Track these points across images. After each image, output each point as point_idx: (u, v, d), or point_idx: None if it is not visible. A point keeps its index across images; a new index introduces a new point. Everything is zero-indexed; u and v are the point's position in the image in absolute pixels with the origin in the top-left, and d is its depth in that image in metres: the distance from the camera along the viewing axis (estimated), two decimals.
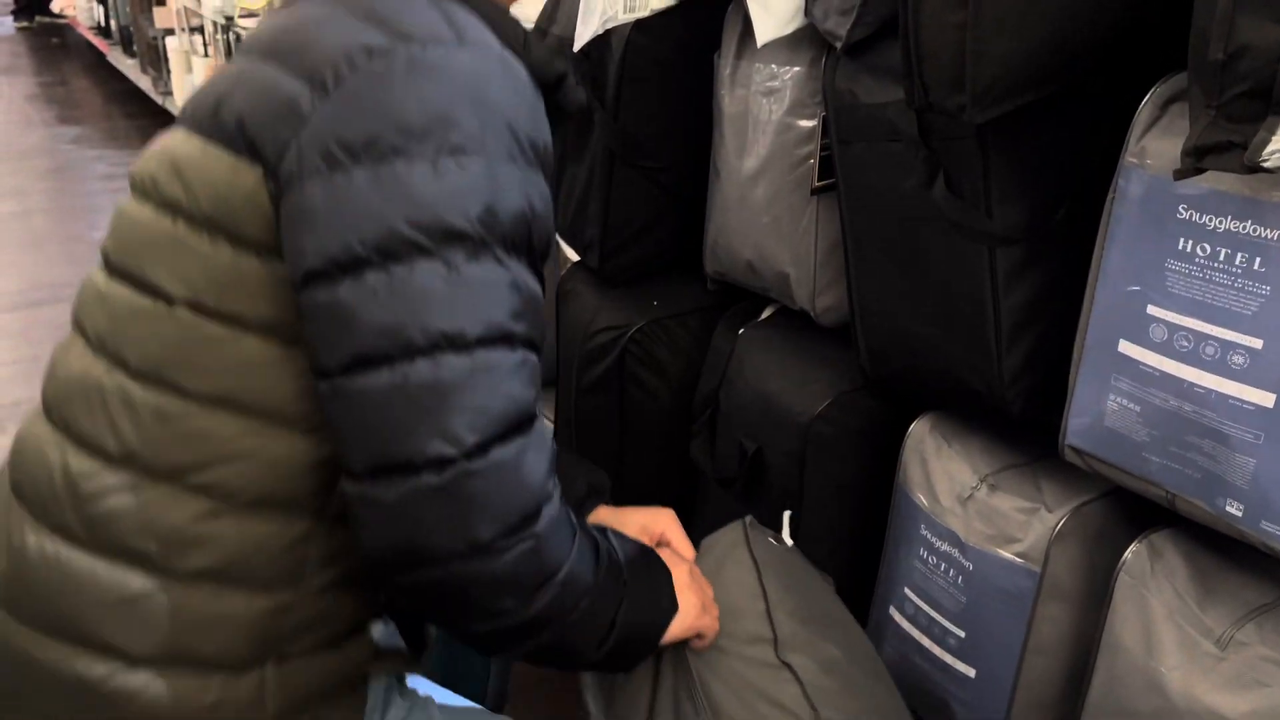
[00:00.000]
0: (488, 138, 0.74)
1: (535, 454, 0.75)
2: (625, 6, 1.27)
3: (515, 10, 0.91)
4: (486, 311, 0.73)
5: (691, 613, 0.92)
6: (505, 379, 0.74)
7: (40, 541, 0.79)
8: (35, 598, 0.79)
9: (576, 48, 1.36)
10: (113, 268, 0.82)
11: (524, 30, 0.85)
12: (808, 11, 1.14)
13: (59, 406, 0.82)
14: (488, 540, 0.72)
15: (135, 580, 0.77)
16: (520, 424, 0.74)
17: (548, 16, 1.54)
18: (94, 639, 0.77)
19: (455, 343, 0.72)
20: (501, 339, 0.74)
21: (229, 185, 0.76)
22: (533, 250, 0.78)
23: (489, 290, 0.74)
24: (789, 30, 1.17)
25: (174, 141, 0.82)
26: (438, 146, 0.72)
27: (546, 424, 0.83)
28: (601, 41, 1.36)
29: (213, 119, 0.78)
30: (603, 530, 0.88)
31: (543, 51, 0.86)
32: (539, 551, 0.75)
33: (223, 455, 0.77)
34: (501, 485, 0.73)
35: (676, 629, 0.91)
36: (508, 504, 0.73)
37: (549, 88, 0.86)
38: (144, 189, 0.82)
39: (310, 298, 0.73)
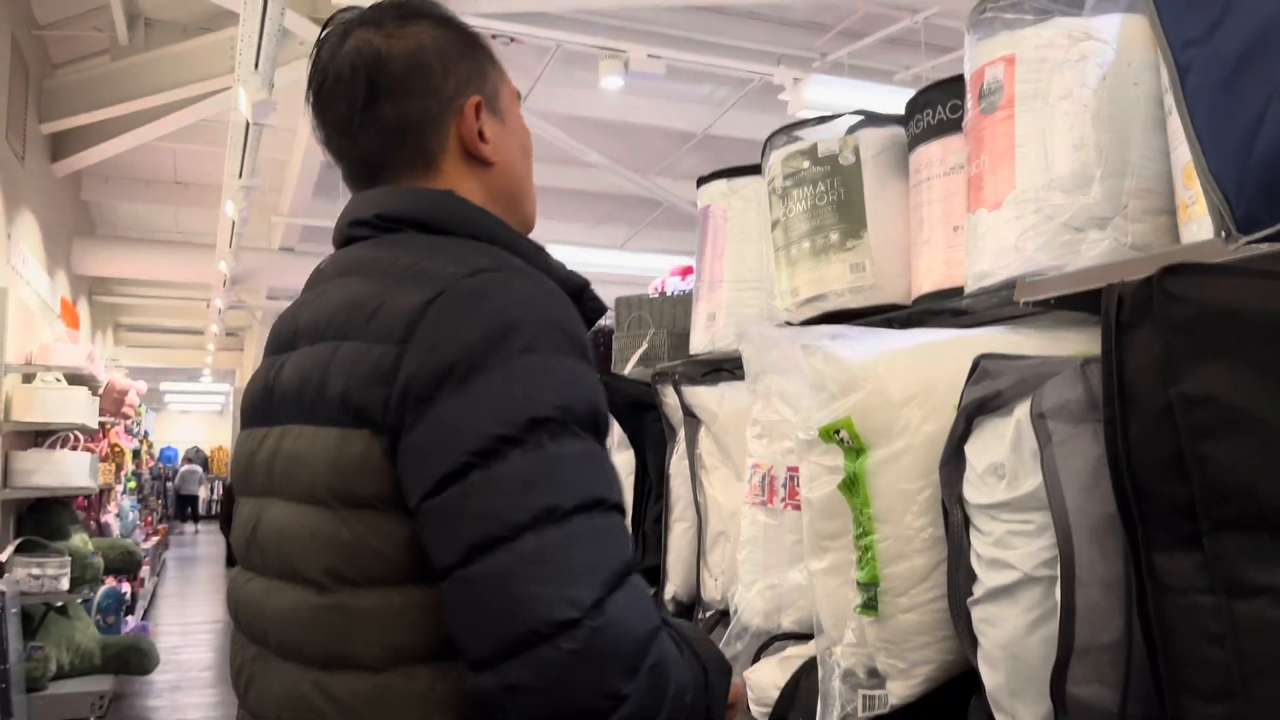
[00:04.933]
0: (542, 338, 0.85)
1: (638, 601, 0.82)
2: None
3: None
4: (576, 483, 0.82)
5: (736, 686, 1.03)
6: (604, 538, 0.82)
7: None
8: None
9: None
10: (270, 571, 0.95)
11: (545, 251, 0.99)
12: None
13: None
14: (621, 688, 0.78)
15: None
16: (622, 578, 0.81)
17: None
18: None
19: (555, 514, 0.79)
20: (594, 504, 0.82)
21: (341, 455, 0.86)
22: (598, 427, 0.88)
23: (574, 464, 0.82)
24: None
25: (274, 440, 0.95)
26: (505, 354, 0.83)
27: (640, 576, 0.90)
28: None
29: (318, 396, 0.89)
30: (667, 622, 0.91)
31: (563, 269, 0.99)
32: (658, 679, 0.82)
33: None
34: (624, 634, 0.79)
35: (734, 690, 1.00)
36: (632, 649, 0.80)
37: (574, 297, 0.96)
38: (274, 487, 0.95)
39: (425, 512, 0.82)
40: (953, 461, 1.04)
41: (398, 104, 1.01)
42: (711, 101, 6.91)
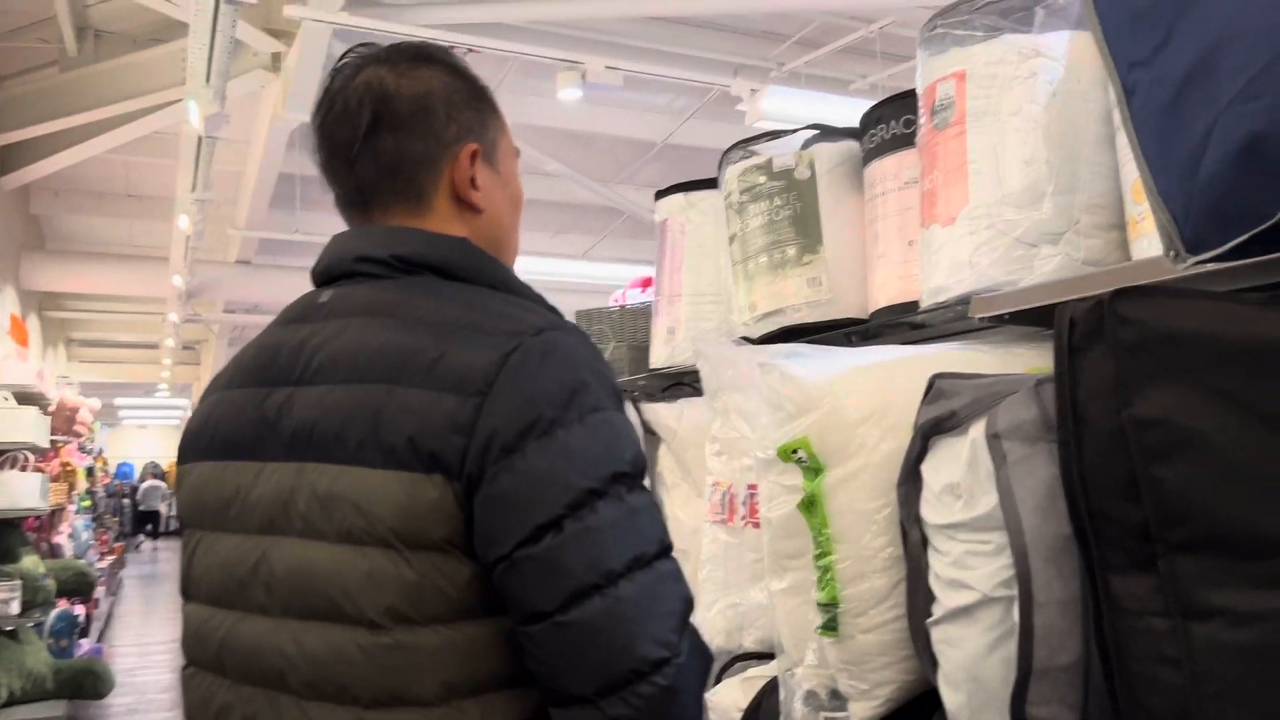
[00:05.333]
0: (605, 396, 0.92)
1: (696, 630, 0.92)
2: None
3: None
4: (652, 531, 0.91)
5: None
6: (677, 581, 0.91)
7: None
8: None
9: None
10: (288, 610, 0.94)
11: (545, 299, 1.05)
12: None
13: None
14: (697, 713, 0.90)
15: None
16: (689, 614, 0.91)
17: None
18: None
19: (642, 562, 0.88)
20: (666, 549, 0.91)
21: (413, 499, 0.88)
22: (644, 471, 0.95)
23: (649, 514, 0.92)
24: None
25: (288, 478, 0.95)
26: (580, 410, 0.89)
27: None
28: None
29: (371, 440, 0.90)
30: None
31: (558, 311, 1.04)
32: (702, 699, 0.93)
33: None
34: (698, 668, 0.91)
35: None
36: (702, 681, 0.92)
37: None
38: (291, 527, 0.94)
39: (517, 560, 0.86)
40: (910, 481, 1.04)
41: (398, 139, 1.04)
42: (671, 111, 6.92)
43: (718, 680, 1.43)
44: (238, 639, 0.96)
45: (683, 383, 2.16)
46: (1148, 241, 1.16)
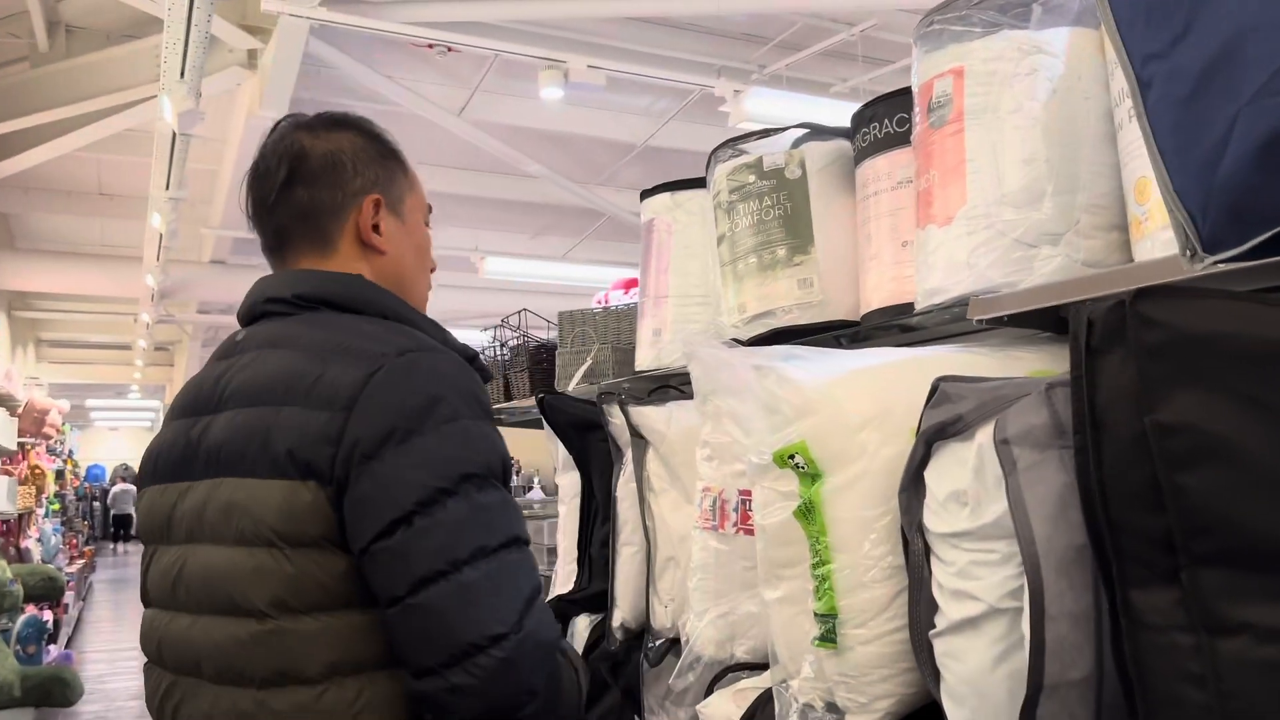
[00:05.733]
0: (462, 407, 1.06)
1: (548, 617, 1.06)
2: None
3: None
4: (499, 525, 1.03)
5: None
6: (522, 569, 1.04)
7: None
8: None
9: None
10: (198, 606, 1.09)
11: (441, 327, 1.21)
12: None
13: None
14: (538, 685, 1.02)
15: None
16: (535, 600, 1.04)
17: None
18: None
19: (485, 551, 1.01)
20: (513, 541, 1.04)
21: (290, 503, 1.03)
22: (506, 476, 1.09)
23: (497, 510, 1.04)
24: None
25: (202, 493, 1.10)
26: (435, 421, 1.03)
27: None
28: None
29: (259, 456, 1.05)
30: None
31: (456, 341, 1.20)
32: (556, 680, 1.07)
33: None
34: (539, 643, 1.02)
35: None
36: (545, 655, 1.04)
37: (469, 361, 1.17)
38: (203, 534, 1.10)
39: (375, 552, 1.01)
40: (912, 487, 1.01)
41: (310, 190, 1.21)
42: (652, 113, 6.89)
43: (708, 692, 1.39)
44: (170, 635, 1.12)
45: (669, 385, 2.12)
46: (1151, 243, 1.14)
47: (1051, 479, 0.85)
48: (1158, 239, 1.12)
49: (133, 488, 21.63)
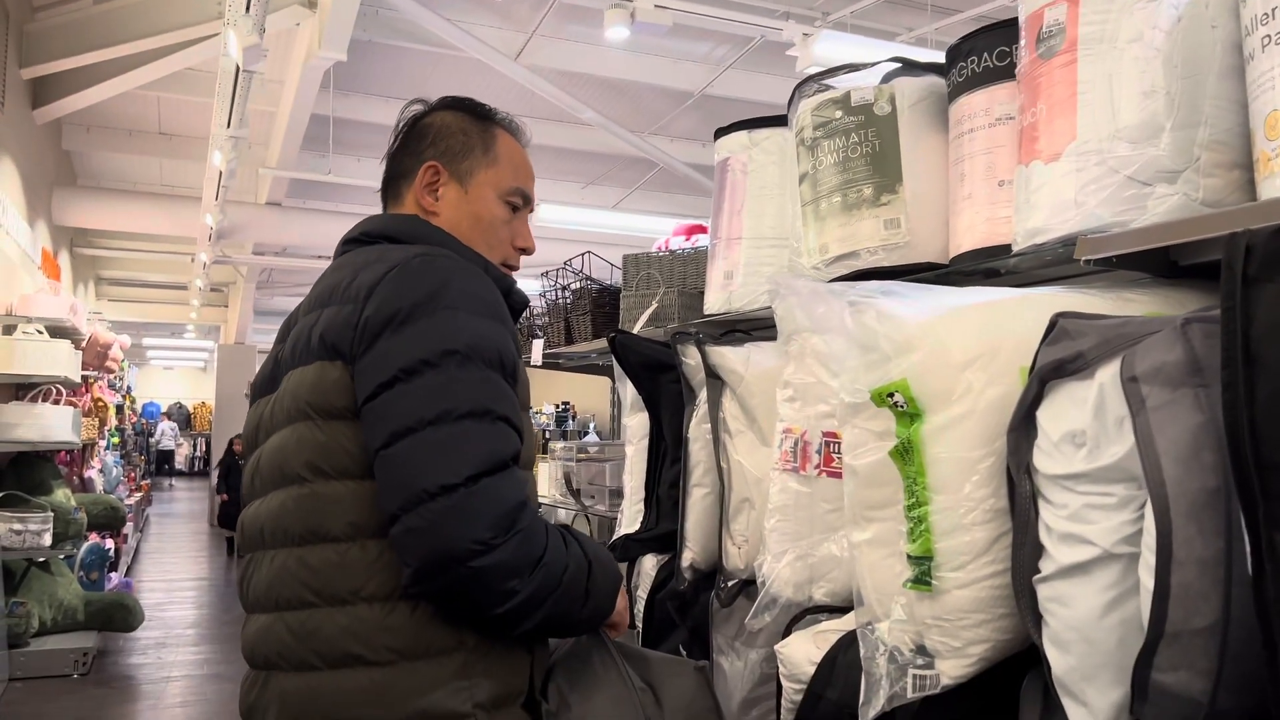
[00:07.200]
0: (461, 301, 1.18)
1: (511, 483, 1.13)
2: None
3: None
4: (469, 397, 1.13)
5: (623, 600, 1.30)
6: (485, 437, 1.12)
7: None
8: None
9: None
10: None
11: (483, 258, 1.34)
12: (1133, 710, 0.89)
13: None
14: (489, 538, 1.08)
15: None
16: (498, 466, 1.12)
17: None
18: None
19: (450, 416, 1.11)
20: (483, 413, 1.13)
21: (321, 380, 1.20)
22: (504, 366, 1.19)
23: (470, 384, 1.14)
24: None
25: (274, 396, 1.29)
26: (433, 309, 1.16)
27: (526, 474, 1.22)
28: None
29: (305, 348, 1.24)
30: (567, 527, 1.25)
31: (495, 270, 1.33)
32: (525, 543, 1.12)
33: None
34: (494, 501, 1.10)
35: (620, 601, 1.29)
36: (500, 513, 1.10)
37: (504, 293, 1.28)
38: (272, 428, 1.27)
39: (365, 413, 1.16)
40: (1022, 428, 0.97)
41: (401, 155, 1.43)
42: (710, 61, 6.76)
43: (786, 632, 1.37)
44: (247, 518, 1.29)
45: (737, 330, 2.08)
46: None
47: (1184, 419, 0.81)
48: None
49: (173, 425, 22.26)
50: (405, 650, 1.13)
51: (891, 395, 1.07)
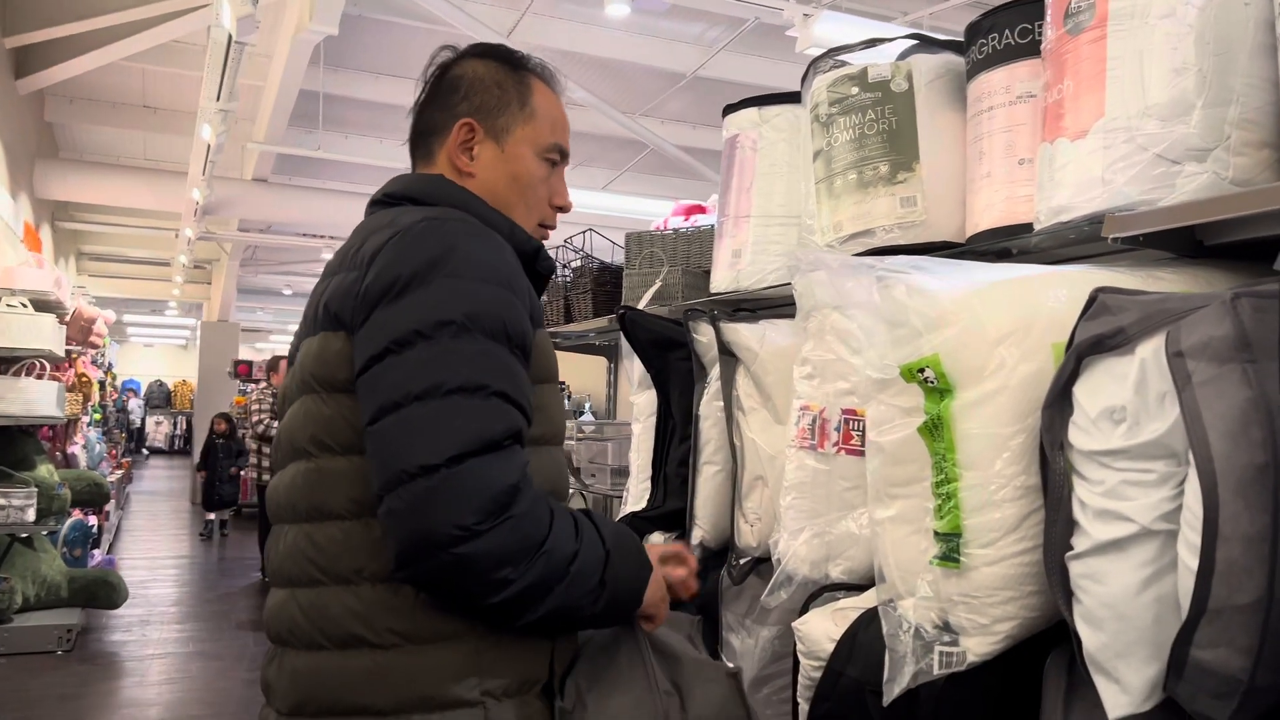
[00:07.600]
0: (464, 268, 1.10)
1: (503, 465, 1.04)
2: None
3: None
4: (462, 370, 1.05)
5: (658, 590, 1.19)
6: (475, 415, 1.04)
7: None
8: None
9: None
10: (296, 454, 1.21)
11: (509, 220, 1.26)
12: (1167, 686, 0.90)
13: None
14: (473, 523, 1.00)
15: None
16: (489, 446, 1.04)
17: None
18: None
19: (438, 390, 1.04)
20: (474, 389, 1.05)
21: (323, 350, 1.15)
22: (509, 337, 1.10)
23: (465, 357, 1.06)
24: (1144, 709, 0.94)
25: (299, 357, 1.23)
26: (431, 277, 1.08)
27: (546, 453, 1.18)
28: None
29: (314, 318, 1.20)
30: (585, 512, 1.15)
31: (523, 233, 1.27)
32: (519, 529, 1.03)
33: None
34: (476, 484, 1.01)
35: (653, 592, 1.18)
36: (487, 497, 1.01)
37: (529, 257, 1.25)
38: (298, 390, 1.21)
39: (358, 386, 1.10)
40: (1058, 404, 0.96)
41: (430, 108, 1.33)
42: (703, 42, 6.72)
43: (803, 610, 1.37)
44: (270, 492, 1.25)
45: (743, 308, 2.07)
46: None
47: (1233, 394, 0.80)
48: None
49: (140, 403, 22.16)
50: (409, 633, 1.08)
51: (922, 371, 1.06)
